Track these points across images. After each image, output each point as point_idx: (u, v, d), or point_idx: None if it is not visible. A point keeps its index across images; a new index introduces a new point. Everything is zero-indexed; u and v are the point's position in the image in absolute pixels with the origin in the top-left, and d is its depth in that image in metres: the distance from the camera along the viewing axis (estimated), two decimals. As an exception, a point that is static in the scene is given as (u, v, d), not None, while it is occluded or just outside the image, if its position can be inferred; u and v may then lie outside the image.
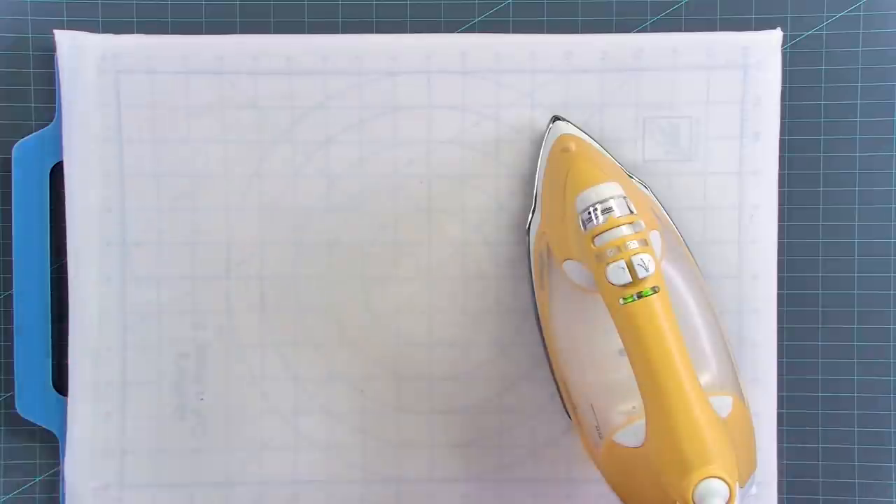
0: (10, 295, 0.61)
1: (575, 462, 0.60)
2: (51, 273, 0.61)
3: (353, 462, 0.61)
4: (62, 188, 0.60)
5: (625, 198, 0.50)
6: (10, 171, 0.60)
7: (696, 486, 0.45)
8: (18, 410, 0.60)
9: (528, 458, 0.61)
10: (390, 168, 0.60)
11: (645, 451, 0.49)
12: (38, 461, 0.62)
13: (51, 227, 0.61)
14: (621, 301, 0.47)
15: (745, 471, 0.52)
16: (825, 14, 0.61)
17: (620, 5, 0.61)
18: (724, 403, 0.51)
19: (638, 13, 0.61)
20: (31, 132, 0.61)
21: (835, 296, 0.62)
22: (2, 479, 0.62)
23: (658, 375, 0.46)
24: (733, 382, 0.55)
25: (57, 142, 0.59)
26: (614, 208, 0.49)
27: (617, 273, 0.48)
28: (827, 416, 0.62)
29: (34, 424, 0.61)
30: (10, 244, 0.60)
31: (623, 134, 0.60)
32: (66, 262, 0.60)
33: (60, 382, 0.61)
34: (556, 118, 0.58)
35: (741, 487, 0.49)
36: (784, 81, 0.60)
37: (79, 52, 0.59)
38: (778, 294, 0.60)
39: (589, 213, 0.50)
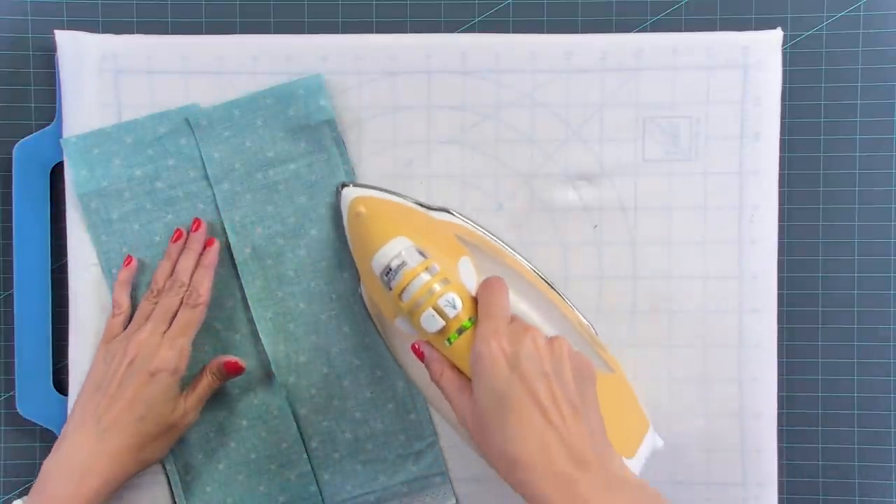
0: (11, 295, 0.61)
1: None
2: (51, 273, 0.61)
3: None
4: (62, 188, 0.60)
5: (413, 246, 0.52)
6: (10, 171, 0.60)
7: None
8: (19, 410, 0.60)
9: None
10: (391, 168, 0.60)
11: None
12: (38, 461, 0.62)
13: (51, 227, 0.61)
14: (447, 343, 0.50)
15: (637, 433, 0.55)
16: (825, 14, 0.61)
17: (620, 5, 0.61)
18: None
19: (638, 13, 0.61)
20: (31, 132, 0.61)
21: (835, 296, 0.62)
22: (2, 479, 0.62)
23: None
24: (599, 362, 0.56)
25: (57, 142, 0.59)
26: (407, 261, 0.52)
27: (430, 321, 0.50)
28: (827, 416, 0.62)
29: (34, 424, 0.61)
30: (11, 244, 0.60)
31: (623, 134, 0.60)
32: (66, 262, 0.60)
33: (60, 382, 0.61)
34: (343, 185, 0.58)
35: (637, 451, 0.53)
36: (784, 81, 0.60)
37: (79, 52, 0.59)
38: (778, 294, 0.60)
39: (387, 274, 0.52)
